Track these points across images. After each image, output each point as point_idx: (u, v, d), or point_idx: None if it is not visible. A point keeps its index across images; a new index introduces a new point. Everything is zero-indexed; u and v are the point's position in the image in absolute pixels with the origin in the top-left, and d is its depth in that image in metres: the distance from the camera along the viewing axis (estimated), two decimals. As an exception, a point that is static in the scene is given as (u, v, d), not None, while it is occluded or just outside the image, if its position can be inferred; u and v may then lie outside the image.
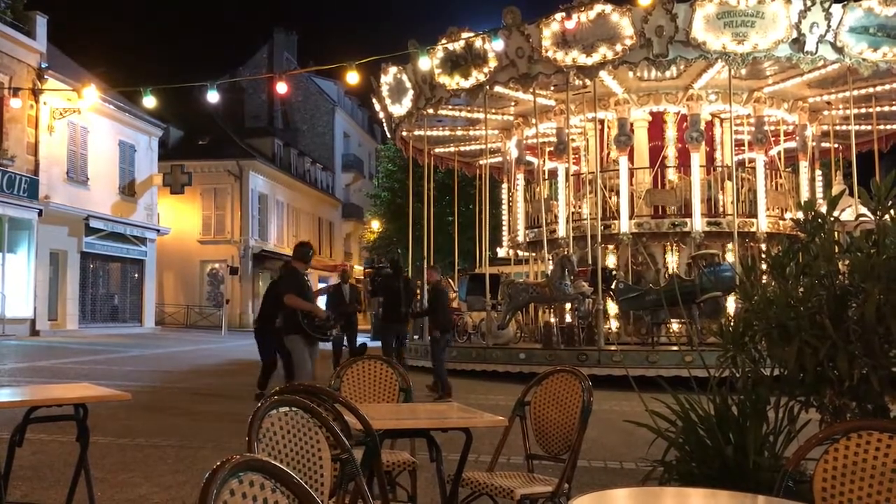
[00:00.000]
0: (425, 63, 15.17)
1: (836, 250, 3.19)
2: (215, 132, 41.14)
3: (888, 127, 20.12)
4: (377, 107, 20.52)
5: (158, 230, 34.70)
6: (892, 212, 3.15)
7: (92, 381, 7.31)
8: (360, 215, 52.93)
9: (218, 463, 1.69)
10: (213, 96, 13.39)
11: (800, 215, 3.60)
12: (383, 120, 21.04)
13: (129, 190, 32.72)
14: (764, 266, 3.47)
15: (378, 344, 15.82)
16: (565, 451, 4.32)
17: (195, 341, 28.14)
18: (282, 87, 13.53)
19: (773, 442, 3.32)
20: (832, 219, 3.28)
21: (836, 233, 3.44)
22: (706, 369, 3.65)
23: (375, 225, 41.76)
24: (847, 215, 3.80)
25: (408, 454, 4.82)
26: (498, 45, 15.23)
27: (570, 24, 14.60)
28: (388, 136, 22.95)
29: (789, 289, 3.18)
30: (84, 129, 29.32)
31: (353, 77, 12.07)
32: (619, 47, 14.91)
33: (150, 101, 13.75)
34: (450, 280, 26.27)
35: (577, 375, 4.48)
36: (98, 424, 6.88)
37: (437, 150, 22.73)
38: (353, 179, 56.11)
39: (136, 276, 33.67)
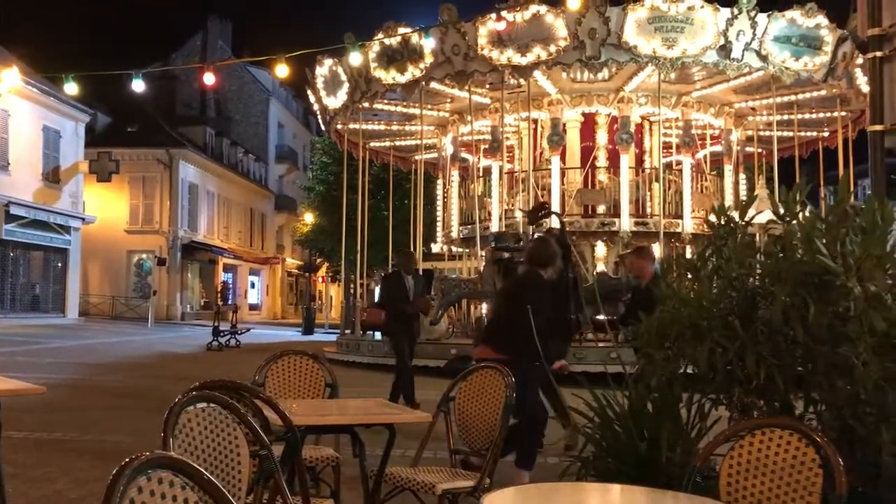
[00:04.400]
0: (356, 59, 15.09)
1: (748, 254, 3.32)
2: (145, 119, 40.12)
3: (808, 134, 20.87)
4: (312, 99, 20.33)
5: (84, 219, 33.71)
6: (799, 217, 3.29)
7: (9, 375, 7.08)
8: (294, 207, 52.33)
9: (126, 460, 1.68)
10: (137, 85, 12.93)
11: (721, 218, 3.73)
12: (318, 112, 20.86)
13: (52, 176, 31.67)
14: (680, 267, 3.59)
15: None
16: (488, 447, 4.38)
17: (120, 333, 27.45)
18: (209, 78, 13.17)
19: (685, 438, 3.43)
20: (743, 223, 3.42)
21: (756, 235, 3.58)
22: (622, 366, 3.75)
23: (309, 217, 41.33)
24: (764, 218, 3.94)
25: (331, 450, 4.82)
26: (429, 42, 15.26)
27: (500, 26, 14.74)
28: (323, 128, 22.77)
29: (703, 290, 3.30)
30: (5, 113, 28.26)
31: (282, 70, 11.85)
32: (552, 48, 15.10)
33: (71, 88, 13.22)
34: (383, 275, 26.23)
35: (500, 372, 4.54)
36: (13, 418, 6.66)
37: (372, 144, 22.65)
38: (287, 171, 55.43)
39: (60, 265, 32.64)
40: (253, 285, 51.46)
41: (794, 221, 3.29)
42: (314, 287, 53.76)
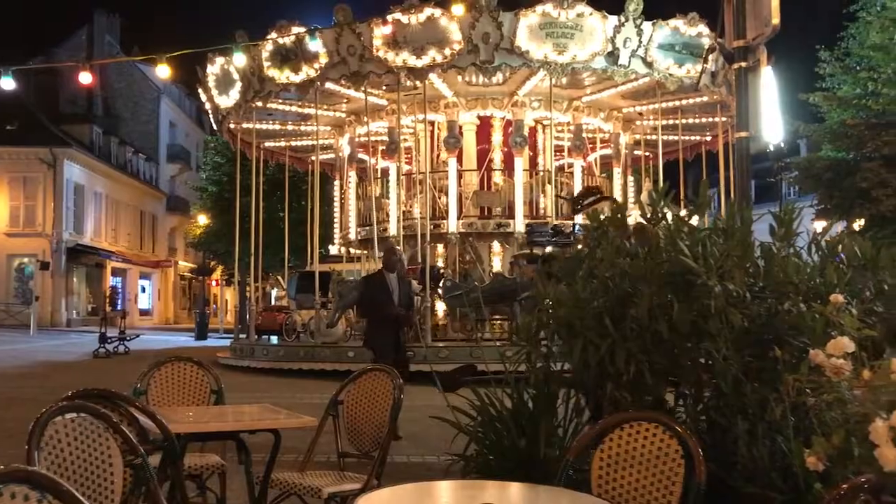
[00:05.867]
0: (240, 59, 14.83)
1: (618, 255, 3.46)
2: (25, 116, 38.08)
3: (692, 138, 21.80)
4: (203, 97, 19.85)
5: (-43, 221, 31.81)
6: (667, 219, 3.45)
7: None
8: (187, 209, 50.84)
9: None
10: (6, 83, 12.14)
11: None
12: (210, 111, 20.37)
13: (-79, 176, 29.75)
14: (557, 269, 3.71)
15: None
16: (376, 449, 4.40)
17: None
18: (86, 77, 12.53)
19: (562, 434, 3.54)
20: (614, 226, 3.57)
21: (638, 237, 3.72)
22: (503, 364, 3.85)
23: (202, 219, 40.23)
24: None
25: (217, 457, 4.74)
26: (315, 45, 15.14)
27: (387, 30, 14.79)
28: (215, 127, 22.25)
29: (577, 290, 3.42)
30: None
31: (163, 70, 11.44)
32: (447, 51, 15.25)
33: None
34: (279, 278, 25.88)
35: (389, 373, 4.58)
36: None
37: (267, 144, 22.29)
38: (180, 171, 53.80)
39: (-70, 270, 30.69)
40: (144, 290, 49.72)
41: (662, 223, 3.46)
42: (208, 291, 52.36)
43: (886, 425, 2.01)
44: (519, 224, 17.56)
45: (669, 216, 3.53)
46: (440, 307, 17.64)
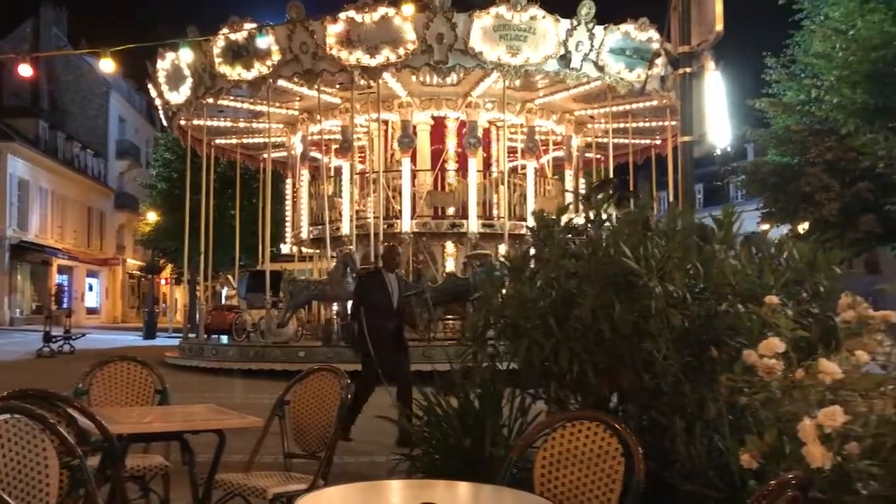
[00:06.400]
0: (187, 55, 14.63)
1: (563, 255, 3.51)
2: (-34, 109, 37.15)
3: (642, 141, 22.08)
4: (153, 93, 19.51)
5: None
6: (608, 222, 3.51)
7: None
8: (136, 206, 49.89)
9: None
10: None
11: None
12: (160, 107, 20.04)
13: None
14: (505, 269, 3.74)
15: None
16: (323, 449, 4.38)
17: (-63, 341, 25.24)
18: (25, 70, 12.23)
19: (507, 434, 3.57)
20: (560, 227, 3.61)
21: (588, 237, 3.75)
22: (450, 364, 3.87)
23: (152, 216, 39.52)
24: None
25: (161, 458, 4.68)
26: (267, 41, 15.03)
27: (338, 28, 14.75)
28: (165, 124, 21.90)
29: (524, 290, 3.45)
30: None
31: (107, 65, 11.24)
32: (401, 51, 15.23)
33: None
34: (229, 276, 25.58)
35: (336, 373, 4.57)
36: None
37: (218, 141, 22.00)
38: (129, 167, 52.79)
39: None
40: (91, 288, 48.68)
41: (605, 225, 3.51)
42: (157, 289, 51.47)
43: (813, 424, 2.08)
44: (472, 224, 17.62)
45: (613, 217, 3.58)
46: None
